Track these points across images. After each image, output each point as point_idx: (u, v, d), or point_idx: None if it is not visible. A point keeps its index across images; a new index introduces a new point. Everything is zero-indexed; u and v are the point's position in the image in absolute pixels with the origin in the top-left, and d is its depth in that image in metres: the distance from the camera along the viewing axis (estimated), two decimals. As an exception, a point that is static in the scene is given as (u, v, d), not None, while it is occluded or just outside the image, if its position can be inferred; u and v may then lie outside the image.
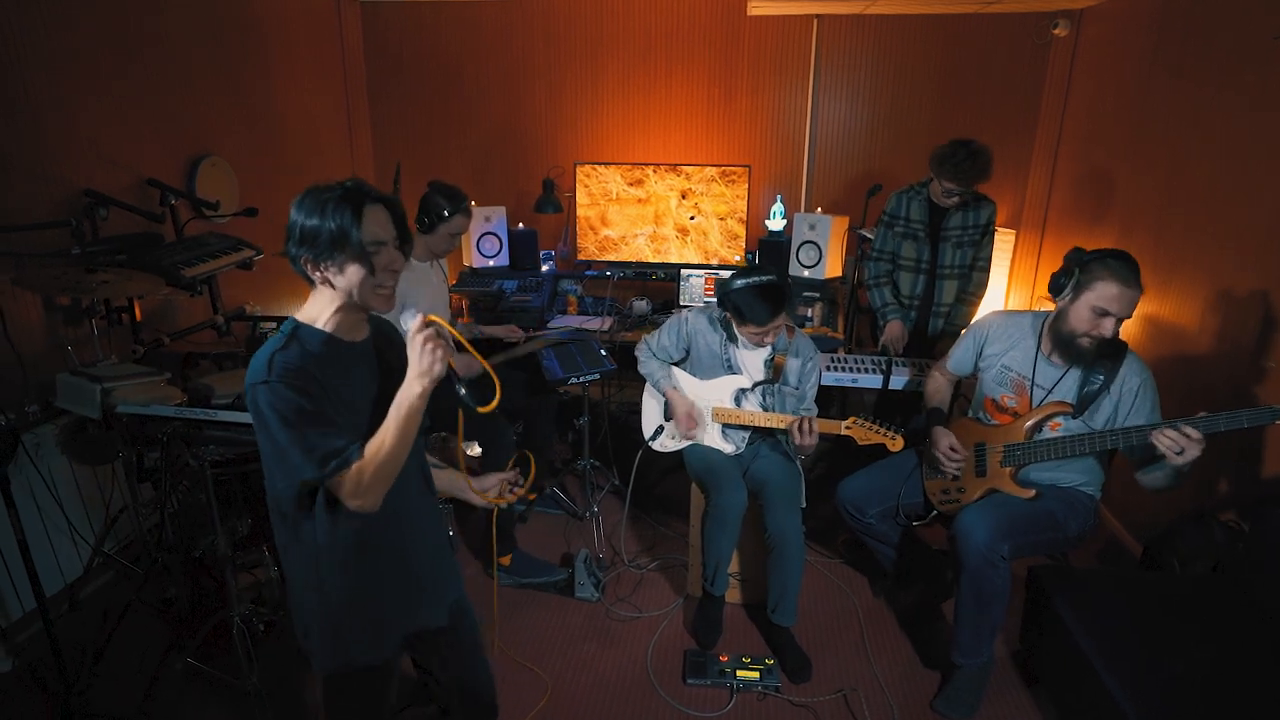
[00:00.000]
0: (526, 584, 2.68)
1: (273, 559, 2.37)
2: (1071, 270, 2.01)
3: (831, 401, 3.36)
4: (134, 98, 2.74)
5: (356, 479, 1.21)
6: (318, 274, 1.24)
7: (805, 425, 2.24)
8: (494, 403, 1.35)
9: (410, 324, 1.23)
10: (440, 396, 1.31)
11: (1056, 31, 3.49)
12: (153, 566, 2.33)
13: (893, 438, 2.20)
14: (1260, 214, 2.27)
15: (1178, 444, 1.81)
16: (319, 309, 1.28)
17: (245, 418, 1.90)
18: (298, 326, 1.27)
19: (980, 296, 3.06)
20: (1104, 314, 1.94)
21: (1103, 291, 1.94)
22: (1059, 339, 2.08)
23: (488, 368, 1.41)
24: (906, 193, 2.99)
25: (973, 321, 2.44)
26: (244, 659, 2.00)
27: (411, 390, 1.22)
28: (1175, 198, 2.70)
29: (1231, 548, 2.14)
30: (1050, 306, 2.13)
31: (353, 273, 1.23)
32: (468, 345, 1.46)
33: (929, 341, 3.12)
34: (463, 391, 1.32)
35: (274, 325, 2.88)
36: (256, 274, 2.93)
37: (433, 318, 1.24)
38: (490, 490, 1.57)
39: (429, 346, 1.20)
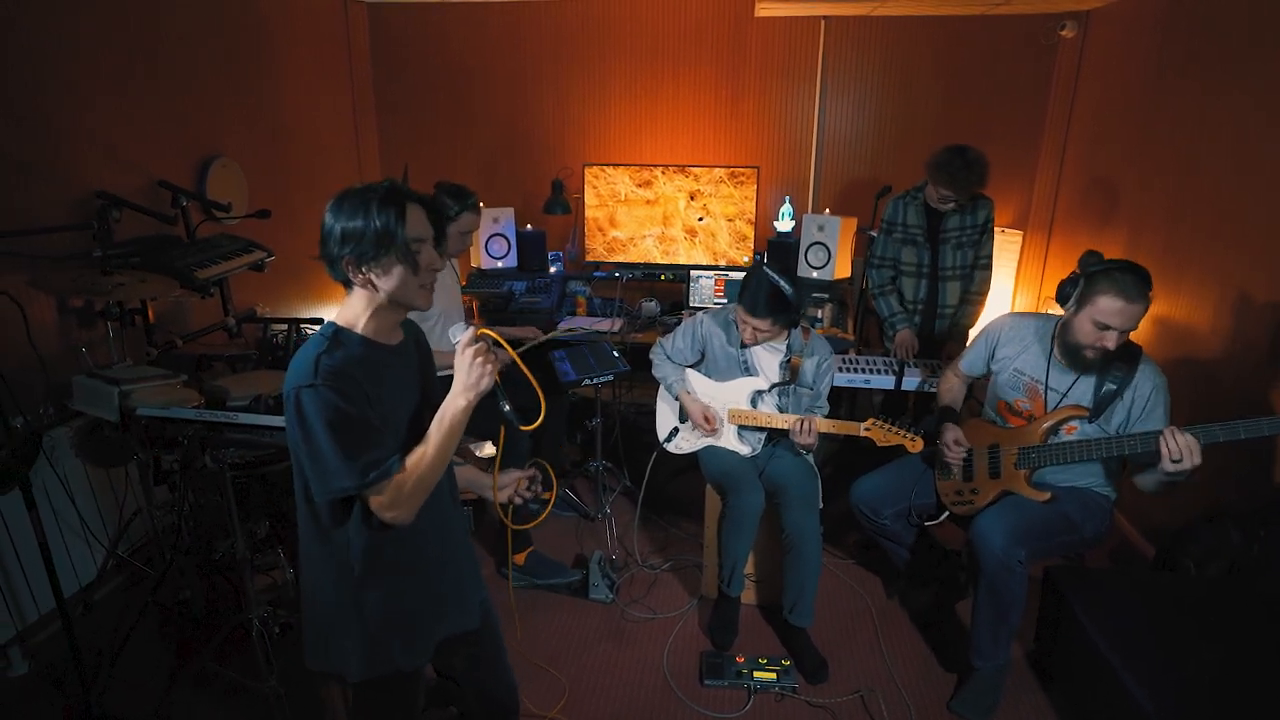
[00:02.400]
0: (541, 585, 2.68)
1: (289, 561, 2.37)
2: (1077, 280, 2.02)
3: (840, 402, 3.36)
4: (144, 99, 2.73)
5: (396, 491, 1.20)
6: (359, 276, 1.23)
7: (804, 425, 2.27)
8: (538, 421, 1.34)
9: (459, 338, 1.23)
10: (485, 413, 1.30)
11: (1063, 33, 3.51)
12: (168, 569, 2.33)
13: (912, 439, 2.20)
14: (1271, 215, 2.28)
15: (1178, 452, 1.81)
16: (356, 312, 1.28)
17: (265, 420, 1.90)
18: (338, 330, 1.26)
19: (984, 295, 3.07)
20: (1105, 328, 1.95)
21: (1104, 306, 1.93)
22: (1065, 348, 2.09)
23: (535, 385, 1.40)
24: (903, 198, 3.00)
25: (985, 323, 2.44)
26: (263, 661, 1.99)
27: (456, 404, 1.22)
28: (1184, 199, 2.71)
29: (1247, 549, 2.15)
30: (1059, 310, 2.14)
31: (398, 273, 1.23)
32: (518, 360, 1.46)
33: (935, 343, 3.13)
34: (507, 408, 1.32)
35: (285, 327, 2.88)
36: (267, 276, 2.92)
37: (485, 330, 1.24)
38: (505, 489, 1.55)
39: (478, 360, 1.21)
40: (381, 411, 1.24)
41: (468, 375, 1.21)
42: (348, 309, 1.29)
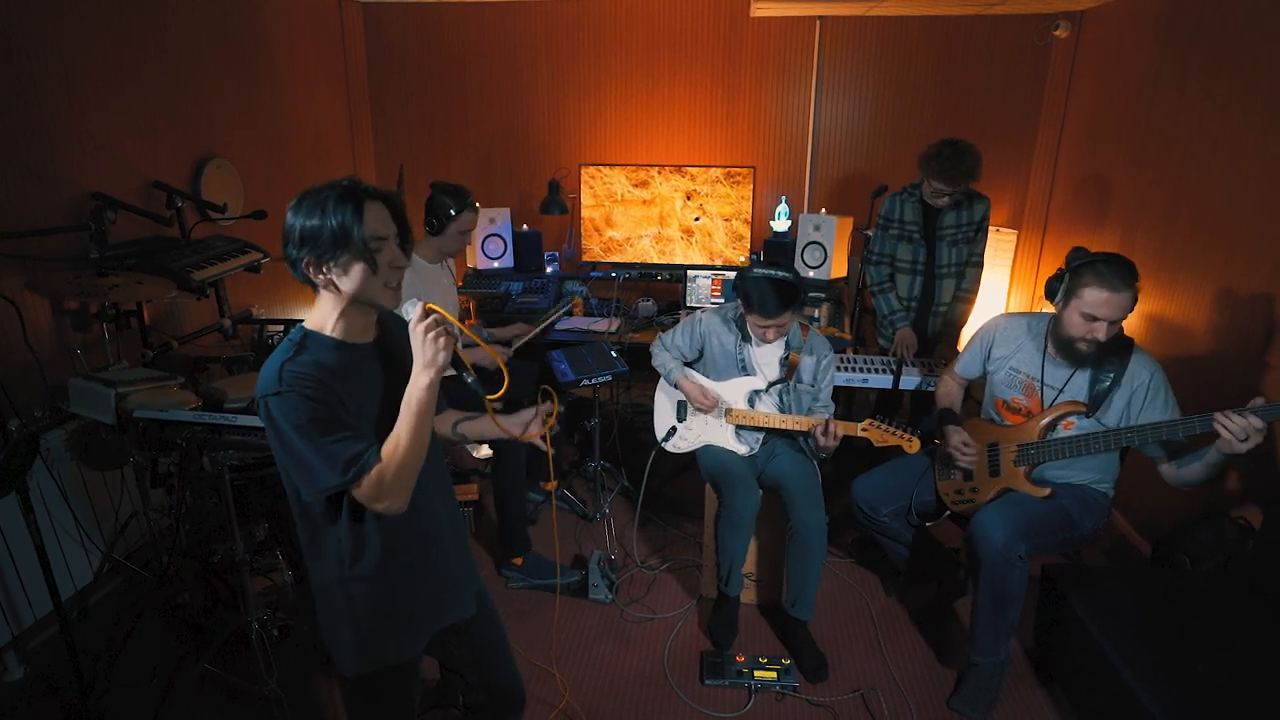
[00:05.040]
0: (540, 585, 2.68)
1: (287, 563, 2.36)
2: (1064, 275, 2.04)
3: (837, 401, 3.36)
4: (140, 99, 2.72)
5: (378, 482, 1.20)
6: (320, 277, 1.22)
7: (829, 427, 2.24)
8: (503, 389, 1.34)
9: (412, 314, 1.22)
10: (454, 391, 1.30)
11: (1057, 33, 3.52)
12: (165, 572, 2.32)
13: (909, 440, 2.21)
14: (1265, 211, 2.30)
15: (1244, 431, 1.75)
16: (324, 314, 1.27)
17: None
18: (306, 334, 1.25)
19: (975, 292, 3.07)
20: (1093, 319, 1.96)
21: (1090, 298, 1.95)
22: (1059, 342, 2.11)
23: (491, 353, 1.42)
24: (899, 195, 3.01)
25: (976, 321, 2.45)
26: (262, 664, 1.99)
27: (419, 383, 1.21)
28: (1180, 197, 2.72)
29: (1243, 545, 2.17)
30: (1052, 307, 2.16)
31: (357, 272, 1.22)
32: (469, 332, 1.45)
33: (929, 342, 3.14)
34: (470, 380, 1.32)
35: (281, 328, 2.87)
36: (262, 277, 2.91)
37: (431, 306, 1.22)
38: (531, 425, 1.50)
39: (430, 336, 1.19)
40: (356, 409, 1.23)
41: (423, 353, 1.20)
42: (317, 312, 1.28)
